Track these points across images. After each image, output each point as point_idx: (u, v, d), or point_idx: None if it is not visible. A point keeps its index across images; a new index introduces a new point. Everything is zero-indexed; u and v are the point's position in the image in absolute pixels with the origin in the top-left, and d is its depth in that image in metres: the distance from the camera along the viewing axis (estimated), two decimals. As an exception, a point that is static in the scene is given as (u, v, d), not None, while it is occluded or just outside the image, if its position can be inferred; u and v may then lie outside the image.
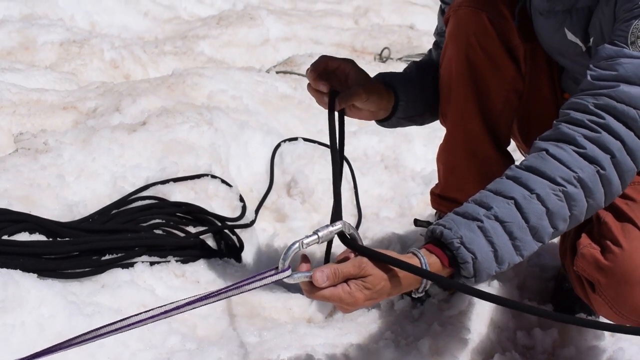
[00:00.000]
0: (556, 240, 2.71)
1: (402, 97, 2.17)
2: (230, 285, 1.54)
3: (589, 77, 1.73)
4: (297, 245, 1.51)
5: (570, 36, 1.93)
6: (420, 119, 2.33)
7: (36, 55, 4.81)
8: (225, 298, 1.54)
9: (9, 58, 4.67)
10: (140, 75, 4.82)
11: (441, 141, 2.35)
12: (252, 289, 1.53)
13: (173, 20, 6.25)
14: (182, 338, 2.07)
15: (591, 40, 1.88)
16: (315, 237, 1.54)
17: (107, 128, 3.15)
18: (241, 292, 1.53)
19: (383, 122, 2.24)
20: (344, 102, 1.99)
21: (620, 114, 1.67)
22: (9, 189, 2.64)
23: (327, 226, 1.57)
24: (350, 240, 1.59)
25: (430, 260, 1.60)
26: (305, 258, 1.58)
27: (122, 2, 6.15)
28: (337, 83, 2.03)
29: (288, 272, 1.50)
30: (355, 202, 3.22)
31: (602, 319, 1.97)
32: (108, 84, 4.13)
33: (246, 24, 5.81)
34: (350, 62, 2.06)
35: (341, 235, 1.59)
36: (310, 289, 1.52)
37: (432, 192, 2.48)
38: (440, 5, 2.37)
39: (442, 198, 2.40)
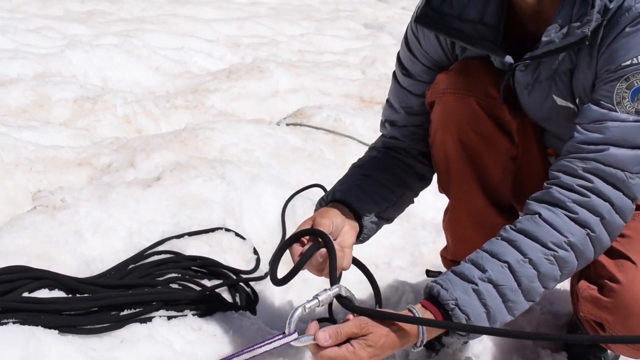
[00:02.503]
0: (568, 287, 2.74)
1: (353, 201, 2.08)
2: (241, 351, 1.69)
3: (576, 141, 1.80)
4: (300, 310, 1.67)
5: (560, 101, 1.96)
6: (388, 214, 2.21)
7: (50, 113, 4.91)
8: None
9: (23, 116, 4.77)
10: (153, 130, 4.91)
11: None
12: (263, 353, 1.67)
13: (184, 74, 6.36)
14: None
15: (577, 100, 1.91)
16: (316, 301, 1.71)
17: (123, 184, 3.22)
18: (253, 357, 1.68)
19: (364, 234, 2.14)
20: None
21: (609, 177, 1.76)
22: (27, 246, 2.70)
23: (325, 290, 1.75)
24: (346, 302, 1.75)
25: (424, 315, 1.72)
26: (313, 321, 1.71)
27: (133, 57, 6.27)
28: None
29: (295, 336, 1.65)
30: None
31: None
32: (122, 140, 4.20)
33: (255, 76, 5.91)
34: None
35: (338, 297, 1.75)
36: (317, 350, 1.65)
37: (443, 256, 2.52)
38: (401, 83, 2.23)
39: (455, 262, 2.44)
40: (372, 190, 2.15)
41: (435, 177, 2.34)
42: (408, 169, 2.26)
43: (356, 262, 2.03)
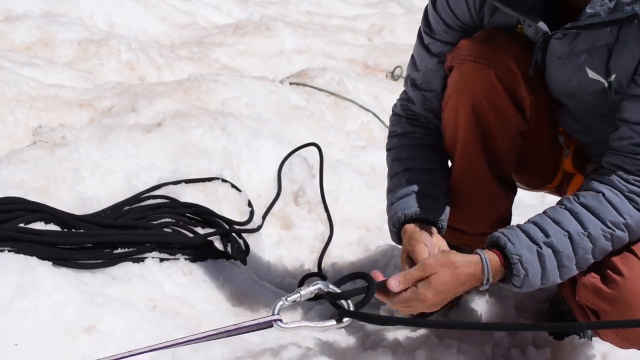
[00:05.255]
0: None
1: (427, 215, 2.13)
2: (228, 326, 1.82)
3: (630, 143, 1.89)
4: (281, 302, 1.83)
5: (591, 74, 1.95)
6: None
7: (54, 52, 4.91)
8: (221, 337, 1.83)
9: (27, 53, 4.77)
10: (155, 78, 4.91)
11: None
12: (247, 329, 1.82)
13: (190, 26, 6.34)
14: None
15: (613, 76, 1.91)
16: (298, 295, 1.86)
17: (124, 127, 3.24)
18: (238, 334, 1.83)
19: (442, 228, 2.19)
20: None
21: None
22: (26, 180, 2.72)
23: (307, 286, 1.89)
24: (330, 294, 1.91)
25: (490, 257, 1.90)
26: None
27: (141, 5, 6.24)
28: None
29: (279, 316, 1.81)
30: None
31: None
32: (124, 85, 4.21)
33: (262, 34, 5.90)
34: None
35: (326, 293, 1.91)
36: (386, 299, 1.89)
37: None
38: (423, 40, 2.21)
39: (450, 228, 2.47)
40: (429, 185, 2.18)
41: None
42: (435, 133, 2.27)
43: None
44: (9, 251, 2.11)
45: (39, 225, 2.39)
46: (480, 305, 2.53)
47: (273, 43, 5.88)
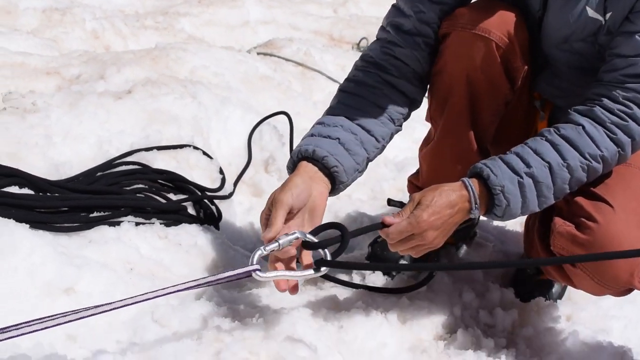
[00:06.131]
0: (520, 228, 2.86)
1: (332, 165, 2.04)
2: (208, 277, 1.83)
3: (620, 74, 1.96)
4: (260, 251, 1.84)
5: (591, 13, 2.04)
6: (370, 162, 2.23)
7: (18, 20, 4.85)
8: (202, 287, 1.91)
9: (-10, 21, 4.71)
10: (121, 47, 4.88)
11: (421, 134, 2.42)
12: (226, 279, 1.82)
13: (154, -5, 6.30)
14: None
15: (608, 14, 2.01)
16: (276, 244, 1.84)
17: (94, 94, 3.22)
18: (218, 283, 1.85)
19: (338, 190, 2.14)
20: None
21: None
22: (-4, 145, 2.71)
23: (285, 235, 1.87)
24: (309, 243, 1.92)
25: (473, 184, 1.96)
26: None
27: (104, -27, 6.18)
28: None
29: (257, 266, 1.82)
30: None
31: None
32: (91, 53, 4.18)
33: (227, 4, 5.89)
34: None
35: (304, 242, 1.92)
36: (385, 233, 1.94)
37: (411, 182, 2.58)
38: None
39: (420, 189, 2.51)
40: (358, 147, 2.11)
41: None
42: (400, 97, 2.19)
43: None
44: (-15, 214, 2.12)
45: (12, 189, 2.38)
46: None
47: (238, 13, 5.88)
